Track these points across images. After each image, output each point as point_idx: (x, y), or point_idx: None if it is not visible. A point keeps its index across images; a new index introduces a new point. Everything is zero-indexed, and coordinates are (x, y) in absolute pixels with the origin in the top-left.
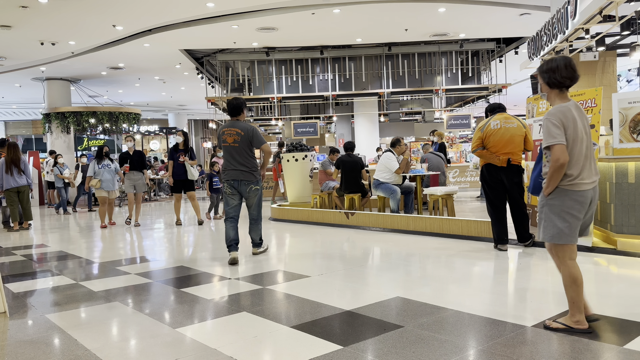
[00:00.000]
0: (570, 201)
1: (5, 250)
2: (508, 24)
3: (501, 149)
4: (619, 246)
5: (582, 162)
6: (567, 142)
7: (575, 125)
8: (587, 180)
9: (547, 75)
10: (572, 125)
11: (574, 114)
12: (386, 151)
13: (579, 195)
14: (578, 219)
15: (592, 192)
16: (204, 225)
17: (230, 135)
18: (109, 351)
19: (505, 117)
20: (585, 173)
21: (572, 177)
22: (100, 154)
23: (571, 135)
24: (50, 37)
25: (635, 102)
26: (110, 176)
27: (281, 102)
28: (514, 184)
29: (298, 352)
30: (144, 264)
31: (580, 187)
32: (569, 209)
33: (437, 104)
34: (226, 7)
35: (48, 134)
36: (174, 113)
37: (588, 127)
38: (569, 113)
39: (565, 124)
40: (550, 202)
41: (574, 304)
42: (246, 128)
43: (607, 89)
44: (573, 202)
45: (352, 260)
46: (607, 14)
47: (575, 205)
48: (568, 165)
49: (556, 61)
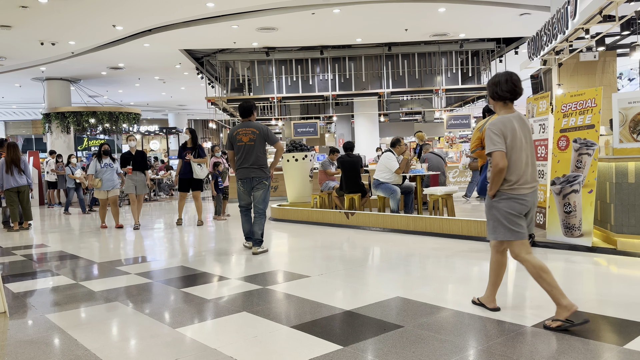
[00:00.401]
0: (512, 204)
1: (5, 250)
2: (508, 24)
3: None
4: (619, 246)
5: (523, 169)
6: (506, 150)
7: (514, 134)
8: (527, 185)
9: (491, 89)
10: (511, 134)
11: (515, 125)
12: (386, 151)
13: (520, 199)
14: (522, 219)
15: (532, 196)
16: (204, 225)
17: (246, 134)
18: (109, 351)
19: None
20: (525, 179)
21: (512, 182)
22: (100, 152)
23: (510, 144)
24: (50, 37)
25: (635, 102)
26: (111, 176)
27: (281, 102)
28: None
29: (298, 352)
30: (144, 264)
31: (519, 191)
32: (512, 210)
33: (437, 104)
34: (226, 7)
35: (48, 134)
36: (174, 113)
37: (530, 136)
38: (510, 123)
39: (504, 133)
40: (495, 204)
41: (554, 291)
42: (260, 127)
43: (607, 89)
44: (515, 204)
45: (352, 260)
46: (607, 14)
47: (517, 207)
48: (508, 172)
49: (498, 76)
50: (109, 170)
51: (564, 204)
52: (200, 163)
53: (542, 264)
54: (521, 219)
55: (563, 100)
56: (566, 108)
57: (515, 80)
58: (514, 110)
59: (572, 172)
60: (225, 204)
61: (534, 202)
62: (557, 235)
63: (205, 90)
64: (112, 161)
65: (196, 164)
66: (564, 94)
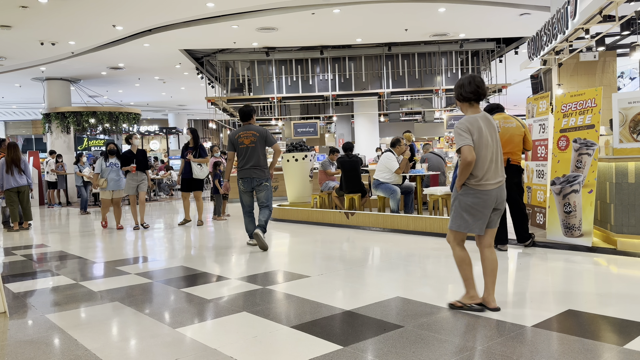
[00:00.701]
0: (475, 199)
1: (5, 250)
2: (508, 24)
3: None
4: (619, 246)
5: (487, 166)
6: (479, 148)
7: (480, 133)
8: (491, 181)
9: (456, 91)
10: (477, 132)
11: (481, 124)
12: (386, 151)
13: (484, 194)
14: (483, 214)
15: (497, 191)
16: (204, 225)
17: (247, 137)
18: (109, 351)
19: (504, 117)
20: (490, 175)
21: (478, 178)
22: (106, 152)
23: (477, 141)
24: (50, 37)
25: (635, 102)
26: (117, 176)
27: (281, 102)
28: (513, 184)
29: (298, 352)
30: (144, 264)
31: (485, 187)
32: (475, 205)
33: (437, 104)
34: (226, 7)
35: (48, 134)
36: (174, 113)
37: (495, 135)
38: (476, 122)
39: (471, 130)
40: (460, 197)
41: (467, 281)
42: (260, 129)
43: (607, 89)
44: (478, 199)
45: (352, 260)
46: (607, 14)
47: (480, 202)
48: (474, 168)
49: (463, 79)
50: (114, 170)
51: (564, 204)
52: (200, 163)
53: (465, 257)
54: (482, 214)
55: (563, 100)
56: (566, 108)
57: (479, 82)
58: (479, 111)
59: (572, 172)
60: (224, 204)
61: (501, 197)
62: (557, 235)
63: (205, 90)
64: (118, 161)
65: (196, 164)
66: (564, 94)
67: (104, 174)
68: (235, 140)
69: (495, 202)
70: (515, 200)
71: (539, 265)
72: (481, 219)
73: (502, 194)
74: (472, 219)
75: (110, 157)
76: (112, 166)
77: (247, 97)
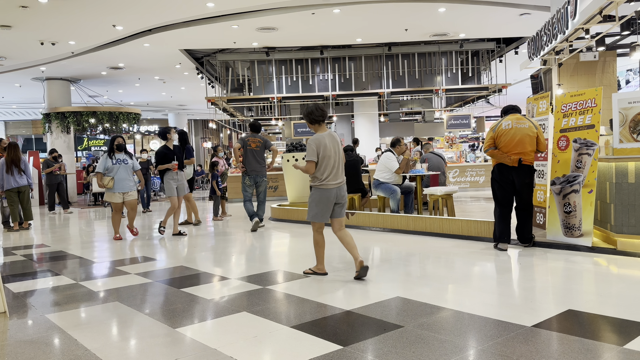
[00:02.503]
0: (320, 195)
1: (5, 250)
2: (508, 24)
3: (512, 149)
4: (619, 246)
5: (329, 171)
6: (318, 158)
7: (325, 148)
8: (332, 182)
9: (308, 118)
10: (322, 148)
11: (326, 141)
12: (386, 151)
13: (327, 192)
14: (327, 207)
15: (337, 190)
16: (204, 225)
17: (254, 142)
18: (109, 351)
19: (518, 118)
20: (331, 177)
21: (321, 180)
22: (112, 146)
23: (322, 154)
24: (50, 37)
25: (635, 102)
26: (126, 175)
27: (281, 102)
28: (524, 185)
29: (298, 352)
30: (144, 264)
31: (327, 186)
32: (320, 200)
33: (437, 104)
34: (226, 7)
35: (48, 134)
36: (174, 113)
37: (338, 148)
38: (322, 140)
39: (318, 147)
40: (312, 194)
41: (318, 258)
42: (263, 138)
43: (607, 89)
44: (322, 196)
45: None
46: (607, 14)
47: (324, 198)
48: (319, 172)
49: (309, 107)
50: (122, 168)
51: (564, 204)
52: (186, 164)
53: (320, 241)
54: (326, 207)
55: (563, 100)
56: (566, 108)
57: (321, 107)
58: (325, 130)
59: (572, 172)
60: (223, 203)
61: (341, 194)
62: (557, 235)
63: (205, 90)
64: (127, 157)
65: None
66: (564, 94)
67: (110, 172)
68: (245, 142)
69: (336, 197)
70: (524, 201)
71: (539, 265)
72: (326, 210)
73: (341, 192)
74: (320, 210)
75: (118, 152)
76: (119, 163)
77: (247, 97)
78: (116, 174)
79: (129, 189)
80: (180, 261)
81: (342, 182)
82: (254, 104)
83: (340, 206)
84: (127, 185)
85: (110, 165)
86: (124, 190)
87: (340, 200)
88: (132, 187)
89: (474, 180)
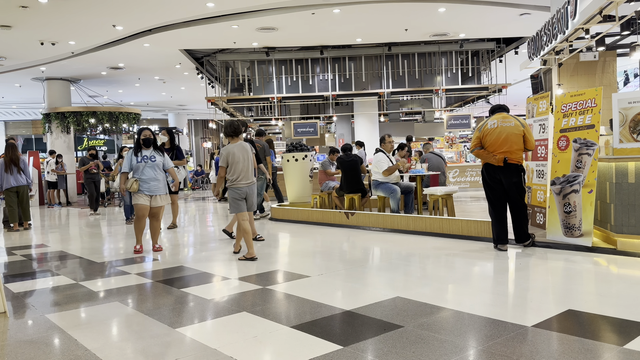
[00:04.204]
0: (235, 192)
1: (5, 250)
2: (508, 24)
3: (498, 148)
4: (619, 246)
5: (238, 173)
6: (229, 164)
7: (233, 156)
8: (242, 182)
9: (225, 132)
10: (231, 156)
11: (234, 150)
12: (378, 151)
13: (238, 189)
14: (241, 201)
15: (246, 188)
16: (204, 225)
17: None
18: (109, 351)
19: (503, 117)
20: (241, 178)
21: (233, 180)
22: (139, 141)
23: (231, 160)
24: (50, 37)
25: (635, 102)
26: (154, 174)
27: (281, 102)
28: (512, 184)
29: (298, 352)
30: (144, 264)
31: (238, 185)
32: (235, 196)
33: (437, 104)
34: (226, 7)
35: (48, 134)
36: (174, 113)
37: (247, 155)
38: (231, 149)
39: (227, 156)
40: (229, 192)
41: (248, 244)
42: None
43: (607, 89)
44: (235, 193)
45: (352, 260)
46: (607, 14)
47: (236, 195)
48: (230, 174)
49: (225, 123)
50: (149, 166)
51: (564, 204)
52: (177, 165)
53: (246, 228)
54: (240, 202)
55: (563, 100)
56: (566, 108)
57: (236, 125)
58: (237, 141)
59: (572, 172)
60: None
61: (249, 192)
62: (557, 235)
63: (205, 90)
64: (156, 153)
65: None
66: (564, 94)
67: (135, 172)
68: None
69: (246, 195)
70: (514, 200)
71: (539, 265)
72: (242, 204)
73: (251, 190)
74: (237, 204)
75: (145, 148)
76: (145, 160)
77: (247, 97)
78: (141, 174)
79: (156, 192)
80: (180, 261)
81: (252, 182)
82: (254, 104)
83: (252, 203)
84: (154, 187)
85: (134, 164)
86: (150, 193)
87: (249, 198)
88: (161, 189)
89: (474, 180)
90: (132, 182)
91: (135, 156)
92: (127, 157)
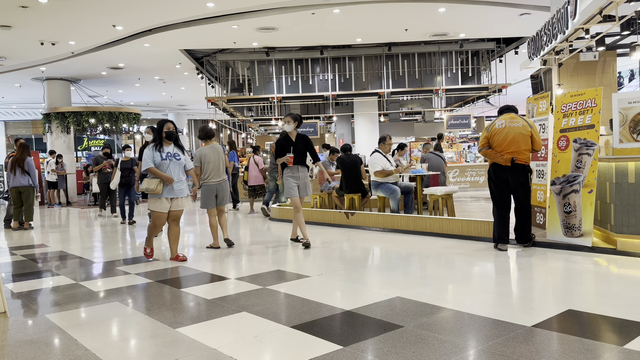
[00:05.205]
0: (206, 189)
1: (5, 250)
2: (508, 24)
3: (505, 148)
4: (619, 246)
5: (209, 171)
6: (202, 163)
7: (206, 156)
8: (213, 180)
9: (198, 135)
10: (205, 157)
11: (207, 151)
12: (375, 152)
13: (208, 187)
14: (211, 198)
15: (217, 185)
16: (204, 225)
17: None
18: (109, 351)
19: (512, 117)
20: (212, 176)
21: (205, 178)
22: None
23: (204, 160)
24: (50, 37)
25: (635, 102)
26: (178, 174)
27: (281, 102)
28: (518, 184)
29: (298, 352)
30: (144, 264)
31: (209, 183)
32: (206, 192)
33: (437, 104)
34: (226, 7)
35: (48, 134)
36: (174, 113)
37: (217, 156)
38: (204, 151)
39: (200, 157)
40: (201, 189)
41: (214, 235)
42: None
43: (607, 89)
44: (207, 189)
45: (352, 260)
46: (607, 14)
47: (208, 192)
48: (203, 173)
49: (200, 127)
50: (173, 165)
51: (564, 204)
52: None
53: (214, 223)
54: (210, 198)
55: (563, 100)
56: (566, 108)
57: (206, 129)
58: (210, 144)
59: (572, 172)
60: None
61: (220, 188)
62: (557, 235)
63: (205, 90)
64: (179, 150)
65: None
66: (564, 94)
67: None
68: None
69: (217, 191)
70: (520, 200)
71: (539, 265)
72: (212, 200)
73: (223, 187)
74: (207, 200)
75: (166, 144)
76: (169, 158)
77: (247, 97)
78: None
79: (179, 194)
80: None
81: (223, 180)
82: (254, 104)
83: (222, 199)
84: (177, 188)
85: (158, 162)
86: (172, 195)
87: (219, 194)
88: (183, 191)
89: (474, 180)
90: (157, 182)
91: (159, 152)
92: (148, 153)
